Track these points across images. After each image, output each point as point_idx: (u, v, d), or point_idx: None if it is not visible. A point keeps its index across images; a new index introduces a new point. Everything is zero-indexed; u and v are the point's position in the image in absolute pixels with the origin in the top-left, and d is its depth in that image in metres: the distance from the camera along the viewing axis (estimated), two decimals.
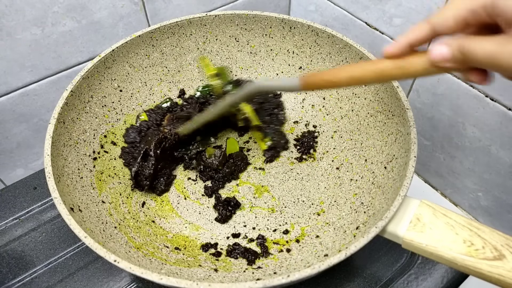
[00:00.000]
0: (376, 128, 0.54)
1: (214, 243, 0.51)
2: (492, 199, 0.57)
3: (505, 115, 0.50)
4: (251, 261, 0.48)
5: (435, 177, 0.65)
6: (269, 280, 0.33)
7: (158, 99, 0.63)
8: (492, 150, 0.53)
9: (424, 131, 0.62)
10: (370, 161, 0.53)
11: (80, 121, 0.52)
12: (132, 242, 0.46)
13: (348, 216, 0.49)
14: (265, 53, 0.65)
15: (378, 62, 0.34)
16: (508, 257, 0.34)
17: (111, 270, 0.53)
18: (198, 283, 0.33)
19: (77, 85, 0.51)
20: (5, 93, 0.56)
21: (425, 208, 0.39)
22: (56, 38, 0.56)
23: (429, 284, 0.52)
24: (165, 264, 0.45)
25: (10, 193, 0.61)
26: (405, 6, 0.55)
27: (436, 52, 0.30)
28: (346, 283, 0.52)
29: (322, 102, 0.63)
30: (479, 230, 0.36)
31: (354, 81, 0.36)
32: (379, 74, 0.34)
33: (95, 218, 0.45)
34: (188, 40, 0.62)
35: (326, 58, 0.60)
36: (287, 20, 0.60)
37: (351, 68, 0.36)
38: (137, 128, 0.58)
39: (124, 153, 0.56)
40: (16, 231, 0.57)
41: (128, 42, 0.56)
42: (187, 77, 0.65)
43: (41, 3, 0.52)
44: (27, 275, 0.52)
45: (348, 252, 0.36)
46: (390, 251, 0.54)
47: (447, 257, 0.36)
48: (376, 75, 0.34)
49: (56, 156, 0.45)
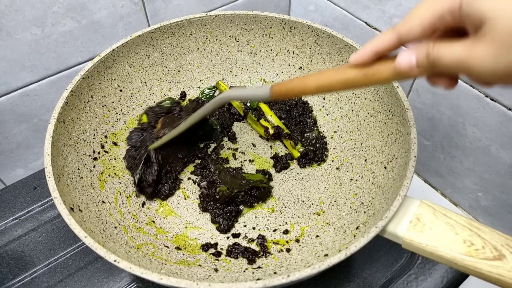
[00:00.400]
0: (376, 128, 0.54)
1: (214, 243, 0.51)
2: (492, 199, 0.57)
3: (505, 115, 0.50)
4: (251, 261, 0.48)
5: (435, 177, 0.65)
6: (269, 280, 0.33)
7: (158, 99, 0.63)
8: (492, 150, 0.53)
9: (424, 131, 0.62)
10: (370, 161, 0.53)
11: (80, 121, 0.52)
12: (132, 242, 0.46)
13: (348, 216, 0.49)
14: (265, 53, 0.65)
15: (344, 70, 0.34)
16: (508, 257, 0.34)
17: (111, 270, 0.53)
18: (198, 283, 0.33)
19: (77, 85, 0.51)
20: (5, 93, 0.56)
21: (425, 208, 0.39)
22: (56, 38, 0.56)
23: (429, 284, 0.52)
24: (165, 264, 0.45)
25: (10, 193, 0.61)
26: (405, 6, 0.55)
27: (403, 61, 0.29)
28: (346, 283, 0.52)
29: (322, 102, 0.63)
30: (479, 230, 0.36)
31: (321, 89, 0.36)
32: (344, 83, 0.34)
33: (95, 218, 0.45)
34: (188, 40, 0.62)
35: (326, 58, 0.60)
36: (287, 20, 0.60)
37: (318, 76, 0.36)
38: (139, 131, 0.58)
39: (128, 156, 0.56)
40: (16, 231, 0.57)
41: (128, 42, 0.56)
42: (187, 77, 0.65)
43: (41, 3, 0.52)
44: (27, 275, 0.52)
45: (348, 252, 0.36)
46: (390, 251, 0.54)
47: (447, 257, 0.36)
48: (342, 83, 0.34)
49: (56, 156, 0.45)
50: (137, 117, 0.60)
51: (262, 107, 0.62)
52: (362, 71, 0.33)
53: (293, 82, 0.38)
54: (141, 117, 0.60)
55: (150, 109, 0.60)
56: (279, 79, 0.66)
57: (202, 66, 0.65)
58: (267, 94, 0.40)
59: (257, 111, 0.62)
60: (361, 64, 0.32)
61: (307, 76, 0.37)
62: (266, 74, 0.67)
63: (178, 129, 0.53)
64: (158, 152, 0.54)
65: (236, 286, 0.33)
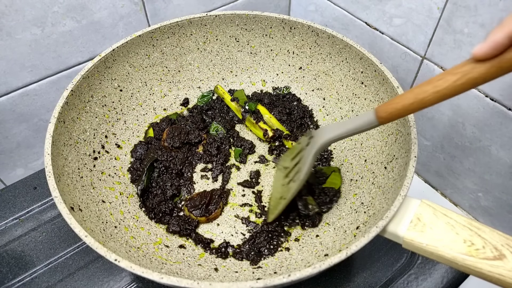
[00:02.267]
0: (376, 129, 0.54)
1: (214, 243, 0.51)
2: (492, 199, 0.57)
3: (505, 115, 0.50)
4: (251, 261, 0.48)
5: (435, 177, 0.65)
6: (269, 280, 0.33)
7: (158, 99, 0.63)
8: (492, 150, 0.53)
9: (424, 131, 0.62)
10: (370, 161, 0.53)
11: (80, 120, 0.52)
12: (132, 241, 0.46)
13: (348, 216, 0.49)
14: (265, 53, 0.65)
15: (465, 69, 0.31)
16: (508, 257, 0.34)
17: (112, 269, 0.53)
18: (198, 282, 0.33)
19: (77, 84, 0.51)
20: (5, 93, 0.56)
21: (425, 208, 0.39)
22: (56, 38, 0.56)
23: (429, 284, 0.52)
24: (165, 263, 0.45)
25: (10, 193, 0.61)
26: (405, 6, 0.55)
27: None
28: (346, 283, 0.52)
29: (322, 102, 0.63)
30: (479, 230, 0.36)
31: (441, 98, 0.33)
32: (473, 83, 0.31)
33: (95, 218, 0.45)
34: (188, 40, 0.62)
35: (326, 58, 0.61)
36: (287, 20, 0.60)
37: (434, 86, 0.33)
38: (144, 144, 0.59)
39: (132, 169, 0.56)
40: (16, 231, 0.57)
41: (128, 42, 0.56)
42: (187, 77, 0.65)
43: (41, 3, 0.52)
44: (27, 275, 0.52)
45: (349, 252, 0.36)
46: (390, 251, 0.54)
47: (447, 257, 0.36)
48: (469, 84, 0.31)
49: (56, 156, 0.45)
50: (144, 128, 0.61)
51: (260, 109, 0.62)
52: (494, 62, 0.29)
53: (404, 99, 0.35)
54: (147, 131, 0.61)
55: (156, 124, 0.61)
56: (279, 79, 0.66)
57: (202, 66, 0.65)
58: (373, 120, 0.37)
59: (256, 114, 0.62)
60: (492, 55, 0.29)
61: (418, 87, 0.35)
62: (266, 74, 0.67)
63: (298, 185, 0.46)
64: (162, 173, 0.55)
65: (237, 286, 0.33)
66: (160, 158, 0.56)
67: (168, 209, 0.52)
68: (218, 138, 0.60)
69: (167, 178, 0.55)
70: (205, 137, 0.59)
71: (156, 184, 0.55)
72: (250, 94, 0.66)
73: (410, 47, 0.57)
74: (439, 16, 0.51)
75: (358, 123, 0.40)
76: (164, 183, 0.55)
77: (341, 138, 0.42)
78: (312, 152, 0.44)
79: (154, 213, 0.52)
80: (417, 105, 0.35)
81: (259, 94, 0.66)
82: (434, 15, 0.52)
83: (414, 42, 0.56)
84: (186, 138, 0.58)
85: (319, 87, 0.63)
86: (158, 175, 0.55)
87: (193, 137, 0.59)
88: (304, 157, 0.47)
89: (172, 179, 0.56)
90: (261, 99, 0.64)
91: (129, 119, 0.59)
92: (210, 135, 0.61)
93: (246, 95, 0.65)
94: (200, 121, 0.61)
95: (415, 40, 0.56)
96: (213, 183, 0.57)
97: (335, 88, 0.61)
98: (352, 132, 0.41)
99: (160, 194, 0.53)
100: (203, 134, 0.60)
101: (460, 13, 0.48)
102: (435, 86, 0.33)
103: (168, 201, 0.53)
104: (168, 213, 0.52)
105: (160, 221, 0.52)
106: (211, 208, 0.52)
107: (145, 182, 0.53)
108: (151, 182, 0.55)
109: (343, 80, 0.60)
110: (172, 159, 0.57)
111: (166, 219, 0.52)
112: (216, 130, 0.61)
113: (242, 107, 0.63)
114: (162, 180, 0.55)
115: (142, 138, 0.60)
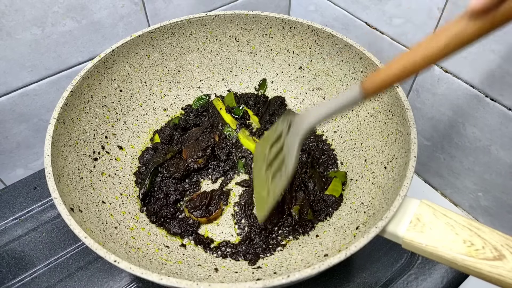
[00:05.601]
0: (376, 128, 0.54)
1: (214, 243, 0.51)
2: (492, 199, 0.57)
3: (505, 115, 0.50)
4: (251, 261, 0.48)
5: (435, 177, 0.65)
6: (269, 280, 0.33)
7: (158, 99, 0.63)
8: (492, 150, 0.53)
9: (424, 131, 0.62)
10: (370, 161, 0.53)
11: (80, 121, 0.52)
12: (132, 242, 0.46)
13: (348, 216, 0.49)
14: (265, 53, 0.65)
15: (459, 26, 0.29)
16: (508, 257, 0.34)
17: (111, 270, 0.53)
18: (198, 283, 0.33)
19: (77, 85, 0.51)
20: (5, 93, 0.56)
21: (425, 208, 0.39)
22: (56, 38, 0.56)
23: (429, 284, 0.52)
24: (165, 264, 0.45)
25: (10, 193, 0.61)
26: (405, 6, 0.55)
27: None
28: (346, 283, 0.52)
29: (322, 102, 0.63)
30: (479, 230, 0.36)
31: (434, 59, 0.31)
32: (468, 39, 0.29)
33: (95, 218, 0.45)
34: (188, 40, 0.62)
35: (326, 58, 0.60)
36: (287, 20, 0.60)
37: (425, 48, 0.31)
38: (151, 150, 0.59)
39: (138, 173, 0.56)
40: (16, 231, 0.57)
41: (128, 42, 0.56)
42: (187, 77, 0.65)
43: (41, 3, 0.52)
44: (27, 275, 0.52)
45: (348, 252, 0.36)
46: (390, 251, 0.54)
47: (447, 257, 0.36)
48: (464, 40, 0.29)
49: (56, 156, 0.45)
50: (144, 128, 0.61)
51: (249, 112, 0.63)
52: (488, 18, 0.28)
53: (393, 66, 0.33)
54: (153, 137, 0.61)
55: (161, 130, 0.61)
56: (279, 79, 0.66)
57: (202, 66, 0.65)
58: (359, 93, 0.35)
59: (245, 119, 0.62)
60: (487, 9, 0.28)
61: (407, 54, 0.32)
62: (266, 74, 0.67)
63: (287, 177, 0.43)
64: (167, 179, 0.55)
65: (236, 286, 0.33)
66: (164, 162, 0.56)
67: (169, 213, 0.52)
68: (230, 143, 0.60)
69: (170, 183, 0.55)
70: (217, 141, 0.59)
71: (159, 189, 0.55)
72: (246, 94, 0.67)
73: (410, 47, 0.57)
74: (439, 16, 0.51)
75: (342, 99, 0.37)
76: (167, 187, 0.54)
77: (325, 119, 0.39)
78: (296, 141, 0.41)
79: (156, 217, 0.52)
80: (410, 68, 0.33)
81: (246, 95, 0.66)
82: (434, 15, 0.52)
83: (414, 42, 0.56)
84: (205, 146, 0.57)
85: (319, 87, 0.63)
86: (161, 179, 0.55)
87: (209, 143, 0.58)
88: (287, 146, 0.43)
89: (176, 184, 0.55)
90: (247, 102, 0.64)
91: (129, 120, 0.59)
92: (222, 140, 0.60)
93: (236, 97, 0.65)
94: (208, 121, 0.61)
95: (415, 40, 0.56)
96: (213, 183, 0.57)
97: (335, 87, 0.61)
98: (336, 110, 0.38)
99: (163, 199, 0.53)
100: (214, 136, 0.59)
101: (460, 13, 0.48)
102: (426, 48, 0.32)
103: (170, 206, 0.53)
104: (170, 217, 0.52)
105: (162, 226, 0.52)
106: (211, 208, 0.52)
107: (147, 186, 0.53)
108: (153, 186, 0.55)
109: (343, 79, 0.60)
110: (176, 165, 0.57)
111: (167, 222, 0.52)
112: (229, 133, 0.61)
113: (237, 119, 0.63)
114: (166, 184, 0.55)
115: (149, 144, 0.60)
